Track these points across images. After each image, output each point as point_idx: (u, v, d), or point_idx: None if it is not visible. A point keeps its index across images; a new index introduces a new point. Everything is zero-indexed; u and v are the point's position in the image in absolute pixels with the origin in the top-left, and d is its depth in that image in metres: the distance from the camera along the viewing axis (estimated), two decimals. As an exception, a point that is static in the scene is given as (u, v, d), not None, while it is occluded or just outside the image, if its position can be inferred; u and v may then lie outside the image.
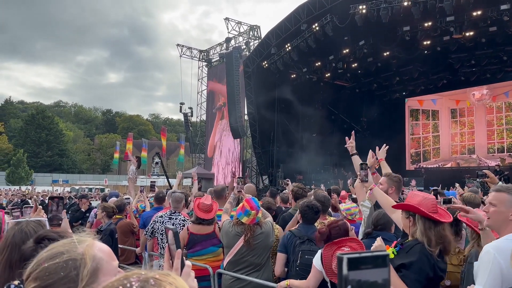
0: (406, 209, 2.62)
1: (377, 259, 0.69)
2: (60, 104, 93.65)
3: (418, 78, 22.46)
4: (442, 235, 2.47)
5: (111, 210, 6.05)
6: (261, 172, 24.86)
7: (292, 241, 3.85)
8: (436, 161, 23.56)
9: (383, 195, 3.35)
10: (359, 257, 0.68)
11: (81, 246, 1.17)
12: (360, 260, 0.68)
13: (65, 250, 1.15)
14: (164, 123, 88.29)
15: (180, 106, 32.42)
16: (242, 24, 29.31)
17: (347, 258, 0.67)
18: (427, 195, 2.60)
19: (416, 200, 2.56)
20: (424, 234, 2.47)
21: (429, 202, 2.51)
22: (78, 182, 48.96)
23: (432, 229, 2.46)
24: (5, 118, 65.90)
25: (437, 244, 2.45)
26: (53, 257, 1.14)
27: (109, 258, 1.21)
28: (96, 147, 72.05)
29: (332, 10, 17.01)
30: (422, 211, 2.49)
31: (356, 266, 0.68)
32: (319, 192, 5.28)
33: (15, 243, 1.79)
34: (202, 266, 4.43)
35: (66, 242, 1.19)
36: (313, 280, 3.28)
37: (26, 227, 1.86)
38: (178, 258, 1.25)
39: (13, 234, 1.82)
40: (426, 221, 2.48)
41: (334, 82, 23.75)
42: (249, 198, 4.16)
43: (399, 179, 3.97)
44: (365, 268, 0.68)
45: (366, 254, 0.69)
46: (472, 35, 17.29)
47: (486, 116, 21.88)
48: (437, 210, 2.52)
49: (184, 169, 35.43)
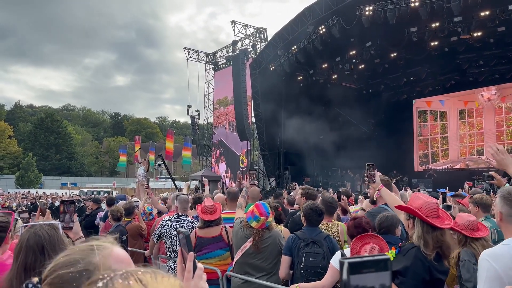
0: (406, 211, 2.63)
1: (378, 263, 0.69)
2: (68, 108, 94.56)
3: (426, 79, 22.33)
4: (440, 239, 2.48)
5: (116, 213, 6.12)
6: (268, 174, 24.87)
7: (297, 243, 3.85)
8: (445, 163, 23.38)
9: (391, 195, 3.35)
10: (360, 261, 0.69)
11: (99, 254, 1.16)
12: (362, 265, 0.69)
13: (81, 259, 1.14)
14: (172, 125, 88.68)
15: (187, 108, 32.62)
16: (248, 27, 29.42)
17: (348, 262, 0.68)
18: (429, 199, 2.59)
19: (417, 203, 2.56)
20: (421, 238, 2.48)
21: (429, 207, 2.51)
22: (87, 185, 49.38)
23: (430, 233, 2.47)
24: (14, 122, 66.63)
25: (434, 248, 2.46)
26: (69, 264, 1.14)
27: (125, 267, 1.21)
28: (104, 150, 72.57)
29: (338, 11, 16.99)
30: (419, 215, 2.49)
31: (357, 271, 0.69)
32: (326, 194, 5.29)
33: (30, 246, 1.85)
34: (211, 268, 4.43)
35: (85, 248, 1.18)
36: (330, 280, 3.27)
37: (40, 231, 1.91)
38: (190, 260, 1.27)
39: (28, 238, 1.88)
40: (424, 225, 2.49)
41: (341, 84, 23.69)
42: (260, 203, 4.15)
43: (387, 182, 3.93)
44: (367, 272, 0.69)
45: (368, 258, 0.70)
46: (480, 36, 17.18)
47: (495, 116, 21.68)
48: (437, 214, 2.52)
49: (191, 171, 35.56)
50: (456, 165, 22.77)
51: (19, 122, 69.04)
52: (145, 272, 0.89)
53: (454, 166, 22.83)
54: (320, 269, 3.67)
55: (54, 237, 1.93)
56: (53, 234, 1.94)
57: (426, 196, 2.70)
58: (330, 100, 23.12)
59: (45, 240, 1.88)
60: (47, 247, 1.87)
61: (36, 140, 58.55)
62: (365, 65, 21.08)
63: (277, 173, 23.57)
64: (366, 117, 24.92)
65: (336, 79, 23.06)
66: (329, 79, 23.03)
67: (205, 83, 33.97)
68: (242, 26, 29.33)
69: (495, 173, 3.74)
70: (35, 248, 1.84)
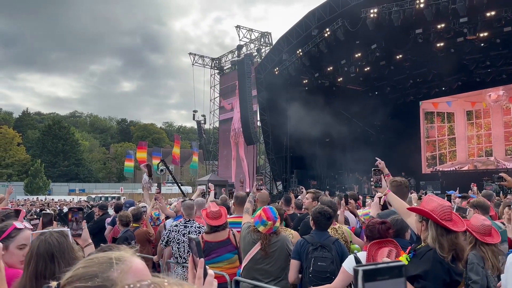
0: (419, 213, 2.62)
1: (392, 270, 0.69)
2: (75, 114, 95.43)
3: (432, 80, 22.22)
4: (454, 242, 2.47)
5: (125, 219, 6.15)
6: (275, 178, 24.85)
7: (305, 247, 3.83)
8: (453, 164, 23.19)
9: (398, 200, 3.33)
10: (375, 268, 0.68)
11: (118, 269, 1.12)
12: (376, 272, 0.68)
13: (100, 272, 1.11)
14: (178, 131, 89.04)
15: (193, 113, 32.74)
16: (253, 31, 29.53)
17: (362, 270, 0.67)
18: (443, 202, 2.58)
19: (431, 205, 2.54)
20: (436, 240, 2.47)
21: (443, 209, 2.50)
22: (94, 191, 49.68)
23: (445, 236, 2.46)
24: (23, 129, 67.31)
25: (450, 250, 2.45)
26: (87, 278, 1.11)
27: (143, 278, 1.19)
28: (112, 156, 73.00)
29: (343, 14, 17.00)
30: (434, 218, 2.48)
31: (372, 278, 0.68)
32: (324, 198, 5.28)
33: (40, 254, 1.86)
34: (219, 273, 4.43)
35: (104, 261, 1.14)
36: (341, 284, 3.25)
37: (50, 238, 1.92)
38: (201, 267, 1.27)
39: (38, 245, 1.89)
40: (438, 228, 2.48)
41: (346, 87, 23.65)
42: (267, 207, 4.13)
43: (398, 183, 3.85)
44: (381, 279, 0.68)
45: (382, 265, 0.69)
46: (487, 36, 17.07)
47: (503, 117, 21.48)
48: (451, 218, 2.50)
49: (198, 176, 35.64)
50: (464, 167, 22.58)
51: (27, 129, 69.73)
52: (171, 283, 0.89)
53: (462, 168, 22.63)
54: (328, 273, 3.65)
55: (63, 244, 1.94)
56: (63, 242, 1.95)
57: (440, 198, 2.67)
58: (336, 103, 23.09)
59: (55, 248, 1.89)
60: (57, 254, 1.88)
61: (44, 147, 59.12)
62: (370, 68, 21.03)
63: (283, 177, 23.54)
64: (373, 120, 24.84)
65: (341, 82, 23.03)
66: (335, 82, 23.00)
67: (210, 88, 34.11)
68: (247, 31, 29.45)
69: (505, 174, 3.71)
70: (45, 255, 1.85)
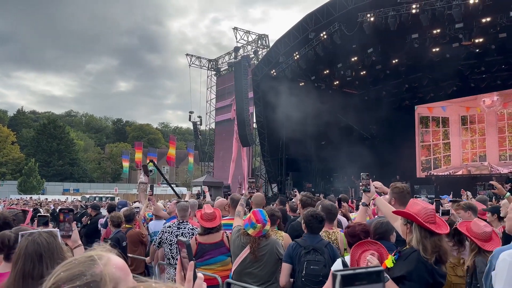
0: (404, 216, 2.66)
1: (371, 275, 0.69)
2: (71, 114, 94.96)
3: (428, 85, 22.34)
4: (437, 245, 2.52)
5: (116, 219, 6.13)
6: (270, 180, 24.85)
7: (297, 251, 3.80)
8: (447, 169, 23.31)
9: (385, 205, 3.38)
10: (353, 273, 0.68)
11: (100, 263, 1.14)
12: (354, 277, 0.68)
13: (85, 270, 1.11)
14: (174, 131, 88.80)
15: (189, 114, 32.70)
16: (250, 33, 29.59)
17: (340, 275, 0.67)
18: (427, 205, 2.63)
19: (415, 209, 2.60)
20: (420, 242, 2.52)
21: (427, 212, 2.55)
22: (89, 191, 49.42)
23: (428, 238, 2.51)
24: (17, 128, 66.91)
25: (433, 252, 2.50)
26: (74, 278, 1.10)
27: (125, 275, 1.19)
28: (107, 156, 72.72)
29: (340, 18, 17.07)
30: (418, 220, 2.53)
31: (350, 283, 0.68)
32: (326, 202, 5.27)
33: (28, 254, 1.84)
34: (211, 276, 4.42)
35: (85, 260, 1.15)
36: None
37: (38, 238, 1.91)
38: (191, 270, 1.26)
39: (26, 245, 1.87)
40: (422, 230, 2.54)
41: (342, 90, 23.73)
42: (257, 210, 4.12)
43: (400, 189, 3.80)
44: (359, 285, 0.68)
45: (360, 270, 0.69)
46: (482, 42, 17.21)
47: (497, 122, 21.63)
48: (434, 220, 2.56)
49: (193, 177, 35.58)
50: (459, 171, 22.69)
51: (22, 128, 69.32)
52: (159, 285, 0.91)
53: (457, 172, 22.75)
54: (321, 277, 3.64)
55: (52, 245, 1.92)
56: (52, 242, 1.93)
57: (424, 202, 2.73)
58: (331, 106, 23.14)
59: (43, 248, 1.87)
60: (46, 255, 1.86)
61: (39, 146, 58.75)
62: (366, 71, 21.12)
63: (279, 179, 23.55)
64: (368, 123, 24.93)
65: (337, 85, 23.10)
66: (331, 85, 23.08)
67: (207, 89, 34.10)
68: (244, 33, 29.53)
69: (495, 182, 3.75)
70: (34, 256, 1.83)
